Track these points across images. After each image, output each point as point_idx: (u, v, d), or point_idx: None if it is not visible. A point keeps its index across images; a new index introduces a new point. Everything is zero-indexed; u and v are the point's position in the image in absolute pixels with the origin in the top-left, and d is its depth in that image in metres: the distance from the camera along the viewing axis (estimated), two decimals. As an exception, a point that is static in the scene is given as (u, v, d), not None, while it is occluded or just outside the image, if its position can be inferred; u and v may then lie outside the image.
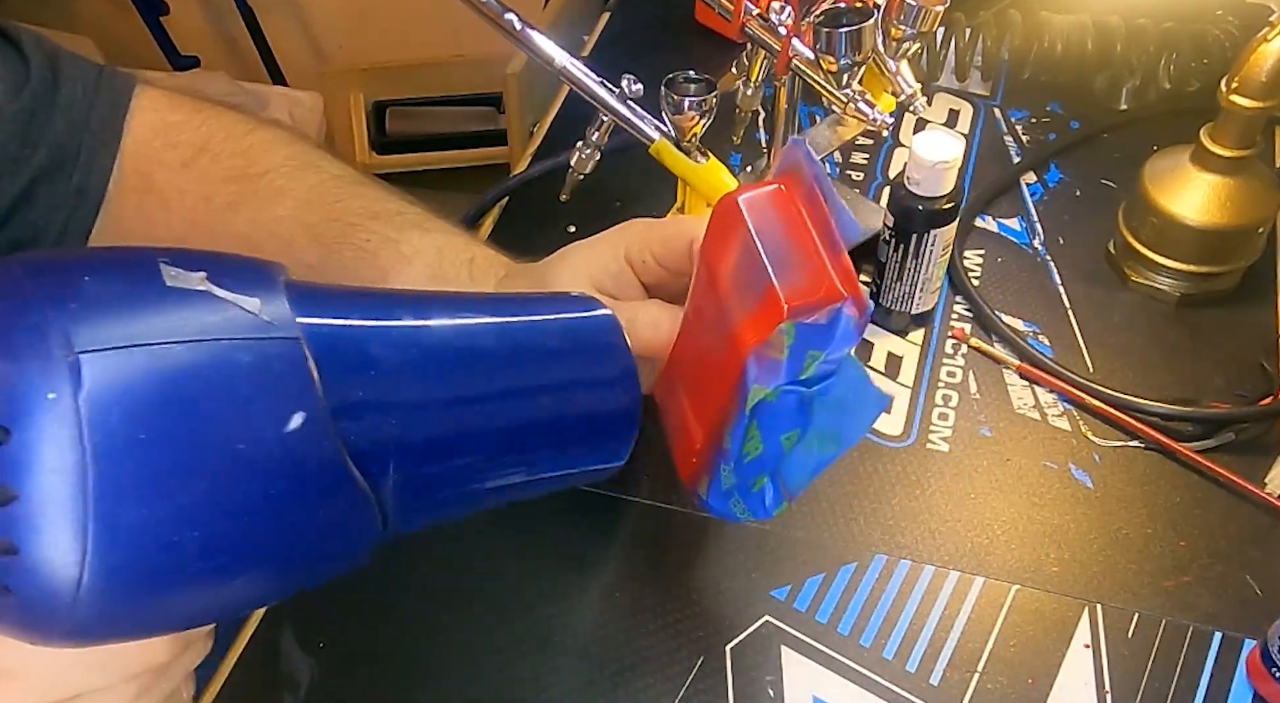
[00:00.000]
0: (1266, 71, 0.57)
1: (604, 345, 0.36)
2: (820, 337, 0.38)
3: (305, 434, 0.26)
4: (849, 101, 0.54)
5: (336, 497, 0.27)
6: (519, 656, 0.51)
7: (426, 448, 0.30)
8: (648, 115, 0.56)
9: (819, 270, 0.38)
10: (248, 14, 1.77)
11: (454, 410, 0.31)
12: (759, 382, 0.39)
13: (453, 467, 0.31)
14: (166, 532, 0.24)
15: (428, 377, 0.30)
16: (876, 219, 0.68)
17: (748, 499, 0.43)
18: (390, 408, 0.28)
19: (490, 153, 1.84)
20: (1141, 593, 0.52)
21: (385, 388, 0.28)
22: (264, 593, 0.28)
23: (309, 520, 0.27)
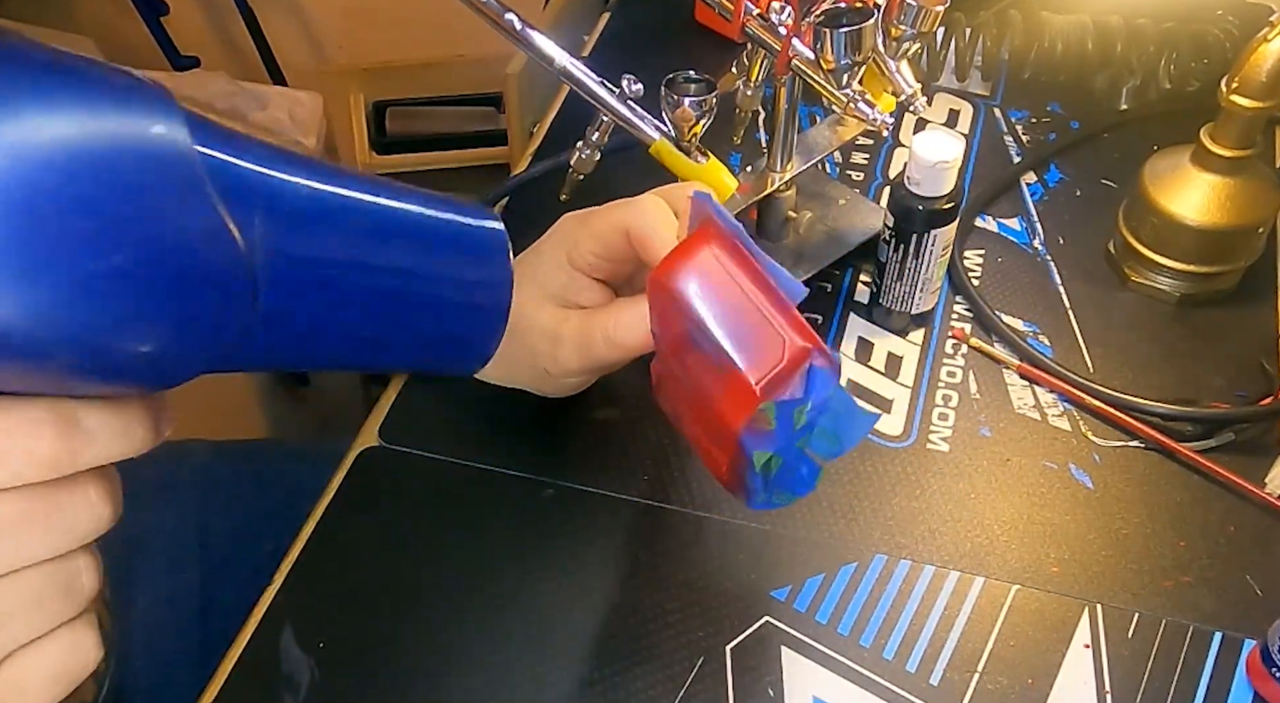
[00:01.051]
0: (1266, 71, 0.57)
1: (488, 253, 0.38)
2: (800, 398, 0.39)
3: (167, 141, 0.27)
4: (849, 101, 0.54)
5: (195, 206, 0.27)
6: (519, 655, 0.51)
7: (295, 234, 0.31)
8: (648, 115, 0.56)
9: (774, 335, 0.38)
10: (248, 14, 1.77)
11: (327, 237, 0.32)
12: (758, 449, 0.40)
13: (319, 278, 0.32)
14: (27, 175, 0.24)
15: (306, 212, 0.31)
16: (876, 219, 0.68)
17: (787, 487, 0.43)
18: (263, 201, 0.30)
19: (490, 153, 1.84)
20: (1141, 593, 0.52)
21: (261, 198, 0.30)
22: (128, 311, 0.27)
23: (167, 216, 0.27)
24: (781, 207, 0.66)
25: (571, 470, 0.58)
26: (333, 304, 0.33)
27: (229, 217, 0.28)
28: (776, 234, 0.67)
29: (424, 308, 0.36)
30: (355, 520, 0.57)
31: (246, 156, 0.30)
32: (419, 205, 0.35)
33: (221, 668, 0.51)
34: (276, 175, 0.30)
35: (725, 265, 0.40)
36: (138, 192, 0.26)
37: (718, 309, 0.39)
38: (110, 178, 0.26)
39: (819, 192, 0.70)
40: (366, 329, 0.34)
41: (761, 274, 0.39)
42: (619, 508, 0.56)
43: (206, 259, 0.28)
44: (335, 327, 0.33)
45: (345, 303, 0.33)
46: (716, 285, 0.40)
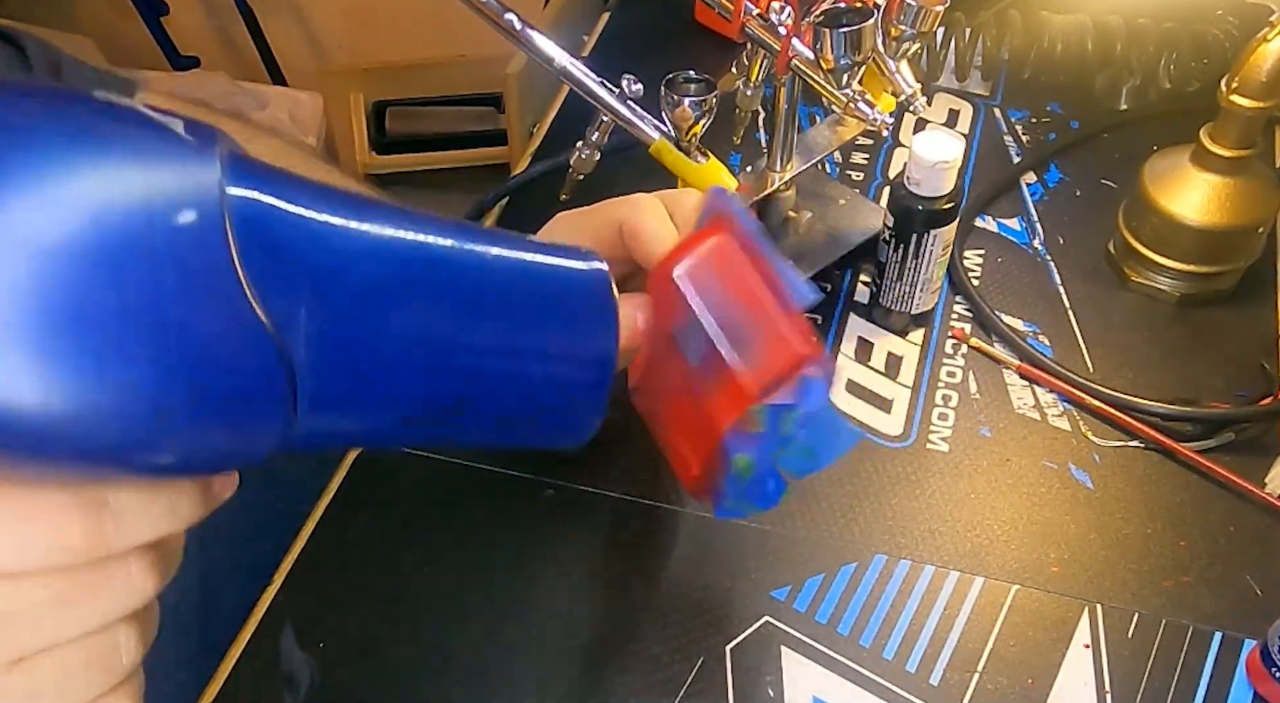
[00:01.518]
0: (1266, 71, 0.57)
1: (589, 307, 0.31)
2: (790, 406, 0.38)
3: (196, 232, 0.24)
4: (849, 101, 0.54)
5: (225, 308, 0.24)
6: (519, 655, 0.51)
7: (349, 314, 0.26)
8: (648, 115, 0.56)
9: (777, 337, 0.38)
10: (248, 14, 1.77)
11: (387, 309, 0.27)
12: (741, 452, 0.39)
13: (375, 360, 0.27)
14: (53, 283, 0.22)
15: (363, 277, 0.27)
16: (876, 219, 0.68)
17: (754, 500, 0.43)
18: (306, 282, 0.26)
19: (490, 153, 1.84)
20: (1141, 593, 0.52)
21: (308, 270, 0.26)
22: (143, 431, 0.24)
23: (195, 324, 0.24)
24: (781, 207, 0.66)
25: (571, 471, 0.58)
26: (389, 387, 0.28)
27: (265, 315, 0.25)
28: (776, 234, 0.67)
29: (501, 385, 0.30)
30: (355, 521, 0.57)
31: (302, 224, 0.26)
32: (503, 251, 0.29)
33: (221, 668, 0.51)
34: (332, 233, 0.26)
35: (733, 261, 0.39)
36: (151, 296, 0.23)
37: (721, 305, 0.39)
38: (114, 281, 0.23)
39: (819, 192, 0.70)
40: (431, 412, 0.29)
41: (772, 274, 0.39)
42: (619, 508, 0.56)
43: (236, 370, 0.25)
44: (391, 410, 0.29)
45: (405, 386, 0.28)
46: (721, 280, 0.39)
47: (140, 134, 0.24)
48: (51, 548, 0.25)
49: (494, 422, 0.31)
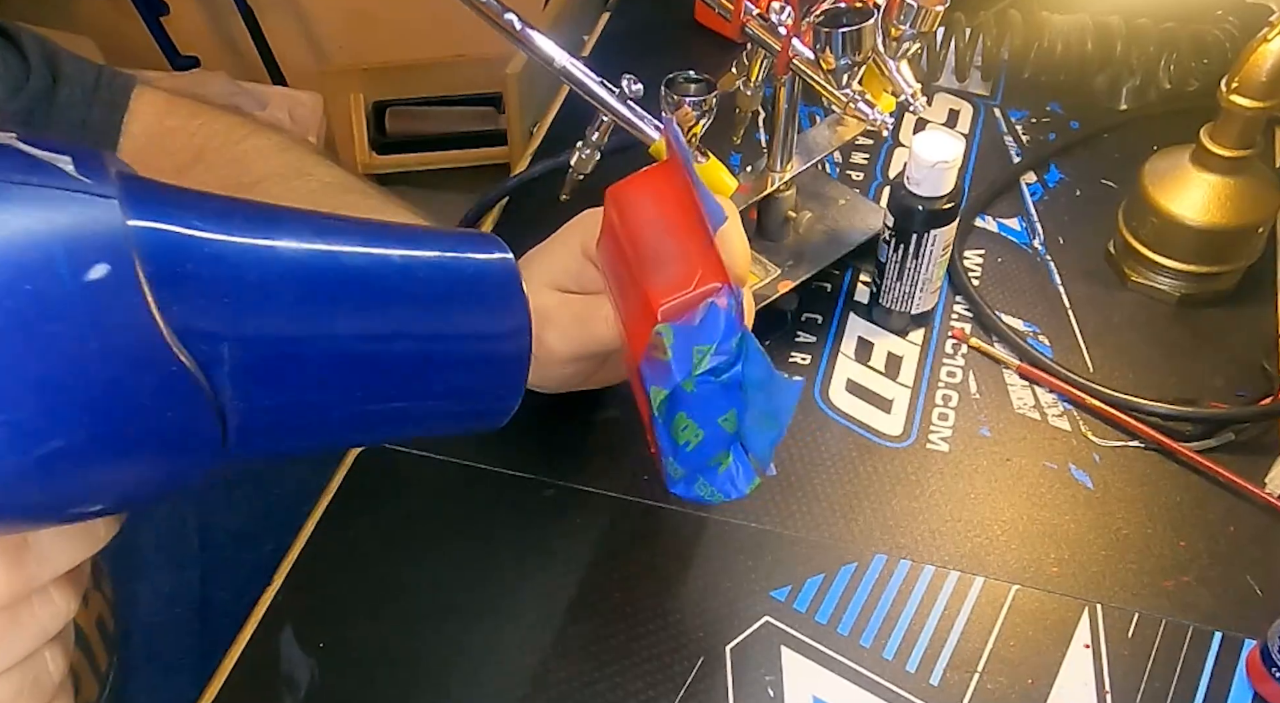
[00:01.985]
0: (1266, 71, 0.57)
1: (497, 293, 0.31)
2: (701, 332, 0.37)
3: (109, 287, 0.23)
4: (849, 101, 0.54)
5: (147, 360, 0.24)
6: (519, 655, 0.51)
7: (270, 340, 0.26)
8: (648, 115, 0.56)
9: (689, 262, 0.38)
10: (248, 14, 1.77)
11: (306, 326, 0.27)
12: (654, 384, 0.39)
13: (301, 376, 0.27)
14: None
15: (279, 298, 0.26)
16: (876, 219, 0.68)
17: (714, 481, 0.42)
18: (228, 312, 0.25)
19: (490, 153, 1.84)
20: (1141, 593, 0.52)
21: (225, 299, 0.25)
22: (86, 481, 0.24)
23: (121, 387, 0.23)
24: (781, 206, 0.66)
25: (571, 471, 0.58)
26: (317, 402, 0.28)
27: (188, 358, 0.24)
28: (776, 234, 0.67)
29: (423, 379, 0.30)
30: (355, 521, 0.57)
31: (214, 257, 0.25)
32: (409, 251, 0.29)
33: (221, 668, 0.51)
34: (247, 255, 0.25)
35: (667, 192, 0.39)
36: (73, 361, 0.22)
37: (645, 229, 0.39)
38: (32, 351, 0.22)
39: (819, 192, 0.70)
40: (360, 416, 0.29)
41: (700, 206, 0.39)
42: (619, 508, 0.56)
43: (164, 417, 0.24)
44: (324, 422, 0.29)
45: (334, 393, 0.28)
46: (651, 208, 0.39)
47: (29, 179, 0.22)
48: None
49: (419, 417, 0.32)
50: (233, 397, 0.25)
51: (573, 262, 0.51)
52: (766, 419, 0.40)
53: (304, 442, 0.29)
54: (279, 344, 0.26)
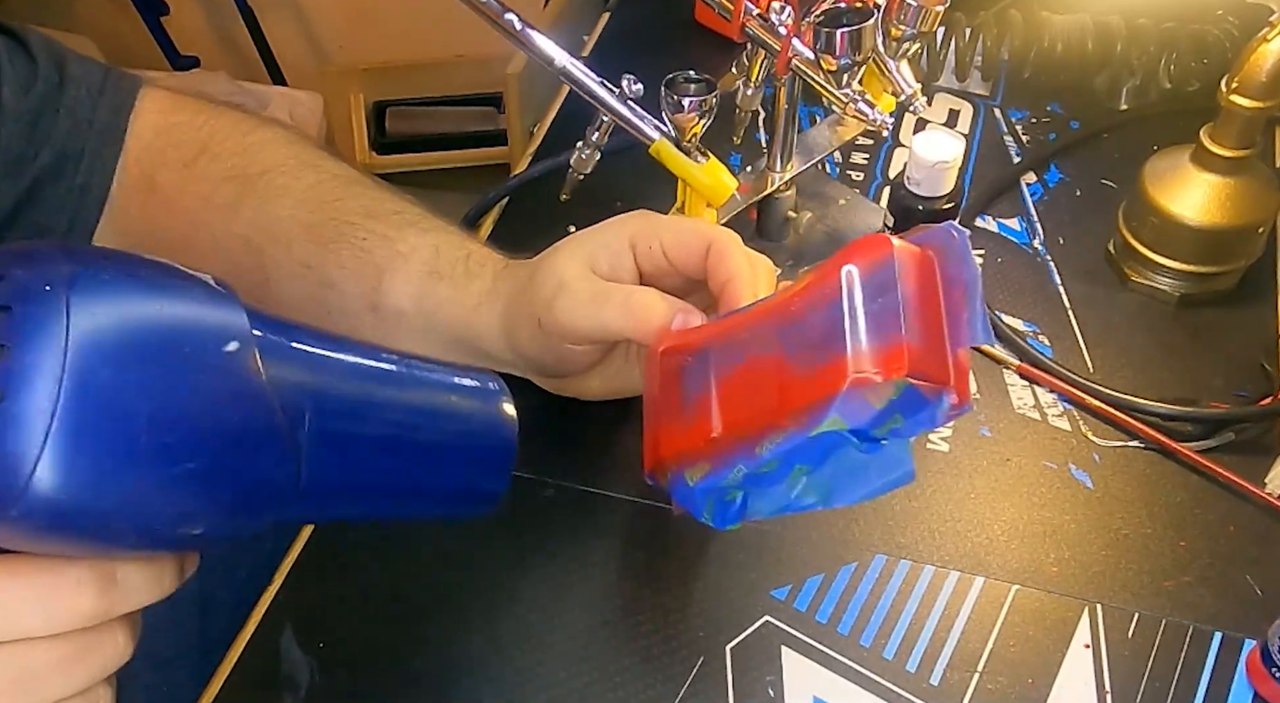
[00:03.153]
0: (1266, 71, 0.57)
1: (488, 404, 0.42)
2: (916, 408, 0.38)
3: (239, 358, 0.31)
4: (849, 101, 0.54)
5: (256, 412, 0.31)
6: (519, 655, 0.51)
7: (336, 413, 0.35)
8: (648, 115, 0.56)
9: (941, 348, 0.39)
10: (248, 14, 1.77)
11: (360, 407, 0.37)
12: (841, 414, 0.39)
13: (354, 443, 0.36)
14: (121, 404, 0.28)
15: (341, 385, 0.36)
16: (876, 219, 0.68)
17: (719, 505, 0.43)
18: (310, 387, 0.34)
19: (490, 153, 1.84)
20: (1141, 593, 0.52)
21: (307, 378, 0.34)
22: (194, 503, 0.31)
23: (235, 428, 0.31)
24: (781, 207, 0.66)
25: (571, 471, 0.58)
26: (362, 467, 0.36)
27: (283, 416, 0.32)
28: (776, 234, 0.67)
29: (438, 460, 0.40)
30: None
31: (301, 354, 0.34)
32: (430, 372, 0.40)
33: (221, 668, 0.51)
34: (325, 368, 0.35)
35: (933, 275, 0.40)
36: (210, 406, 0.30)
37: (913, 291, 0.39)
38: (184, 395, 0.30)
39: (819, 191, 0.70)
40: (391, 481, 0.38)
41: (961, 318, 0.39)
42: (619, 508, 0.56)
43: (263, 459, 0.32)
44: (363, 489, 0.37)
45: (373, 462, 0.37)
46: (917, 276, 0.40)
47: (190, 282, 0.32)
48: (67, 615, 0.30)
49: (430, 496, 0.41)
50: (306, 454, 0.33)
51: (616, 242, 0.51)
52: (816, 490, 0.41)
53: (348, 504, 0.38)
54: (340, 415, 0.35)
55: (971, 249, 0.41)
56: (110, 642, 0.32)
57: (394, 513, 0.43)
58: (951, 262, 0.40)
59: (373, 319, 0.54)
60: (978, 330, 0.39)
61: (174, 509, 0.30)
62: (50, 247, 0.30)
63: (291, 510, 0.34)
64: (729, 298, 0.48)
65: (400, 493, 0.40)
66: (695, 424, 0.44)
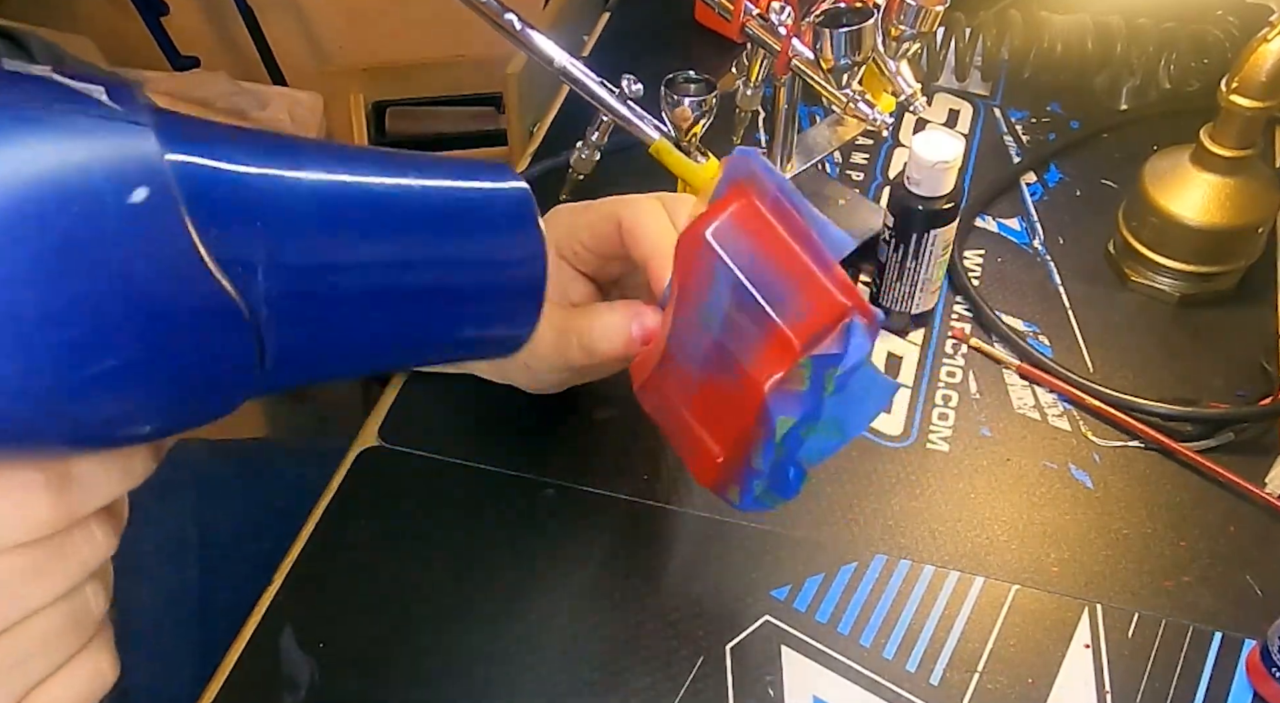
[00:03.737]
0: (1266, 71, 0.57)
1: (513, 220, 0.33)
2: (836, 356, 0.38)
3: (151, 210, 0.24)
4: (849, 101, 0.54)
5: (190, 282, 0.25)
6: (519, 656, 0.51)
7: (301, 263, 0.27)
8: (648, 115, 0.56)
9: (817, 291, 0.37)
10: (248, 14, 1.77)
11: (334, 251, 0.28)
12: (784, 414, 0.38)
13: (331, 301, 0.28)
14: (8, 287, 0.22)
15: (307, 225, 0.27)
16: (876, 219, 0.68)
17: (775, 487, 0.43)
18: (260, 241, 0.26)
19: (490, 153, 1.83)
20: (1141, 593, 0.52)
21: (257, 226, 0.26)
22: (130, 401, 0.25)
23: (162, 306, 0.24)
24: (781, 207, 0.66)
25: (571, 471, 0.58)
26: (348, 327, 0.29)
27: (226, 278, 0.25)
28: (776, 234, 0.67)
29: (448, 300, 0.32)
30: (355, 521, 0.57)
31: (244, 182, 0.26)
32: (431, 180, 0.31)
33: (221, 668, 0.51)
34: (281, 197, 0.27)
35: (761, 221, 0.39)
36: (121, 281, 0.23)
37: (753, 263, 0.38)
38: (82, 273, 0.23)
39: (819, 191, 0.70)
40: (388, 339, 0.31)
41: (809, 235, 0.38)
42: (619, 508, 0.56)
43: (208, 339, 0.26)
44: (354, 346, 0.30)
45: (361, 319, 0.30)
46: (750, 237, 0.39)
47: (69, 107, 0.23)
48: (23, 524, 0.26)
49: (440, 341, 0.33)
50: (268, 320, 0.26)
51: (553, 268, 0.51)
52: (833, 428, 0.40)
53: (333, 366, 0.31)
54: (309, 268, 0.27)
55: (770, 165, 0.39)
56: (84, 539, 0.28)
57: (393, 368, 0.37)
58: (764, 189, 0.39)
59: None
60: (833, 240, 0.37)
61: (105, 412, 0.25)
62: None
63: (260, 388, 0.28)
64: (653, 278, 0.46)
65: (399, 350, 0.32)
66: (703, 453, 0.44)
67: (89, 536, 0.29)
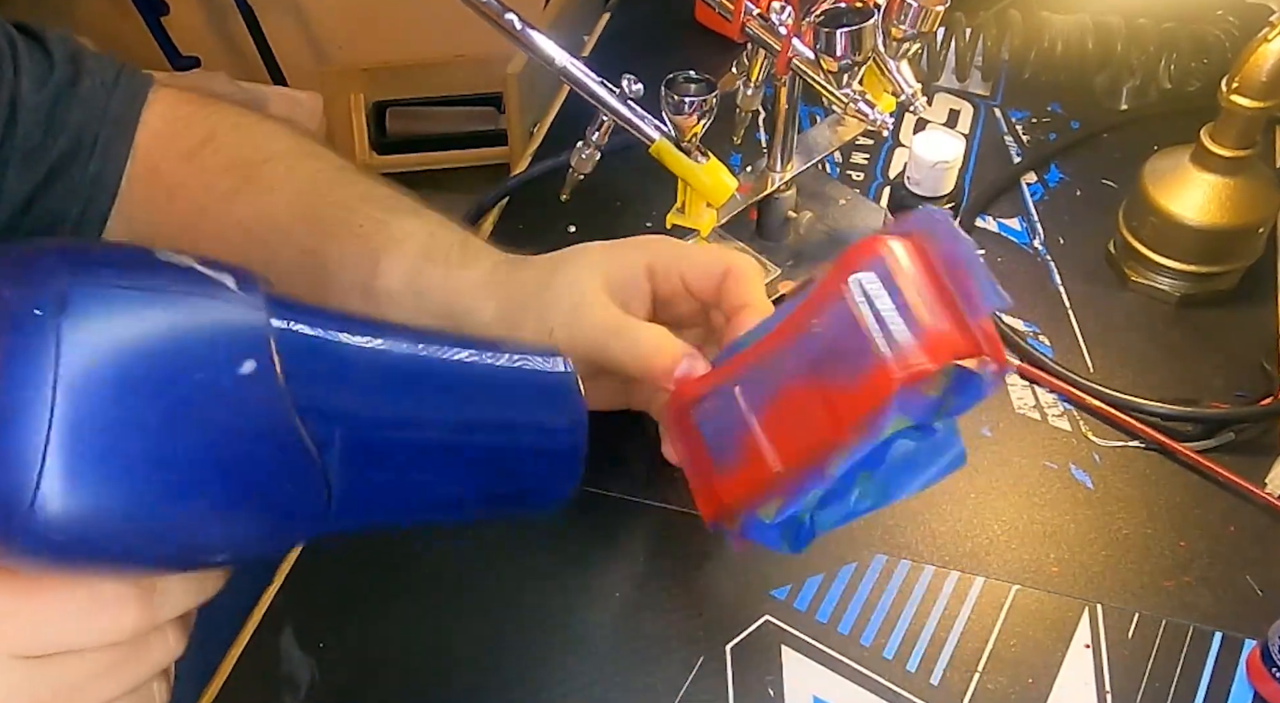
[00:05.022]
0: (1266, 71, 0.57)
1: (559, 396, 0.37)
2: (964, 385, 0.38)
3: (255, 380, 0.28)
4: (849, 101, 0.54)
5: (280, 443, 0.29)
6: (519, 655, 0.51)
7: (373, 427, 0.32)
8: (648, 115, 0.56)
9: (964, 323, 0.39)
10: (248, 14, 1.77)
11: (403, 416, 0.33)
12: (903, 412, 0.38)
13: (396, 459, 0.33)
14: (121, 441, 0.26)
15: (382, 392, 0.32)
16: (876, 219, 0.68)
17: (792, 531, 0.43)
18: (342, 401, 0.31)
19: (490, 153, 1.84)
20: (1141, 593, 0.52)
21: (341, 390, 0.31)
22: (214, 536, 0.29)
23: (254, 460, 0.29)
24: (781, 207, 0.66)
25: (571, 470, 0.58)
26: (405, 481, 0.33)
27: (309, 439, 0.30)
28: (776, 234, 0.67)
29: (496, 464, 0.36)
30: (355, 520, 0.57)
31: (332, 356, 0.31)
32: (488, 358, 0.35)
33: (221, 668, 0.51)
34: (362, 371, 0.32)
35: (926, 259, 0.40)
36: (221, 436, 0.28)
37: (920, 280, 0.39)
38: (190, 427, 0.27)
39: (819, 191, 0.70)
40: (441, 495, 0.35)
41: (972, 292, 0.39)
42: (619, 508, 0.56)
43: (286, 487, 0.30)
44: (409, 499, 0.34)
45: (418, 477, 0.34)
46: (917, 265, 0.40)
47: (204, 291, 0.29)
48: (113, 626, 0.31)
49: (490, 499, 0.37)
50: (338, 472, 0.31)
51: (634, 269, 0.51)
52: (876, 489, 0.41)
53: (391, 517, 0.35)
54: (379, 429, 0.32)
55: (959, 230, 0.40)
56: (159, 644, 0.33)
57: (445, 521, 0.41)
58: (941, 242, 0.40)
59: (361, 301, 0.54)
60: (991, 296, 0.38)
61: (188, 540, 0.29)
62: (51, 253, 0.28)
63: (323, 530, 0.32)
64: (740, 322, 0.48)
65: (451, 504, 0.36)
66: (750, 465, 0.43)
67: (164, 640, 0.33)
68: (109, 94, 0.55)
